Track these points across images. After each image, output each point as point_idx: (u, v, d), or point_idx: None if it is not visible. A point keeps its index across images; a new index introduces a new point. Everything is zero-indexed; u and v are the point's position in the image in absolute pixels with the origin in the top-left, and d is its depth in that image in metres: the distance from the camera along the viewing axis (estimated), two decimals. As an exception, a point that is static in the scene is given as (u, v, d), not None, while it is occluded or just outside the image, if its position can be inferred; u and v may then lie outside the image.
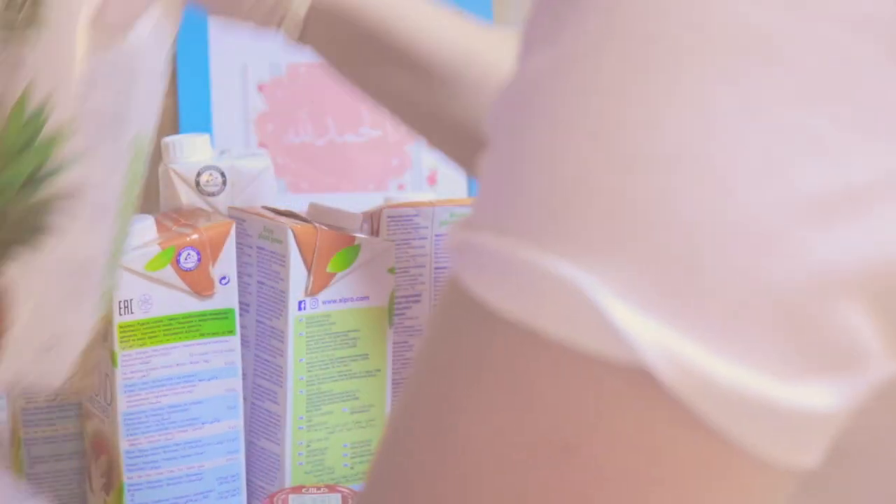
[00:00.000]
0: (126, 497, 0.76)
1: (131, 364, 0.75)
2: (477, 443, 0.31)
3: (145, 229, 0.76)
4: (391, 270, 0.84)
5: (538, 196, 0.30)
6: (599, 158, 0.29)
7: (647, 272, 0.29)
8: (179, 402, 0.77)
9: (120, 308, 0.74)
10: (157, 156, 1.00)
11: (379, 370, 0.84)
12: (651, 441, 0.30)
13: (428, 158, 1.27)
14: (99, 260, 0.59)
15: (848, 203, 0.29)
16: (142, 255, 0.75)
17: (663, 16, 0.29)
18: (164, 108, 1.32)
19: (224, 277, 0.78)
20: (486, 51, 0.70)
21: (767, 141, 0.29)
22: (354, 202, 0.97)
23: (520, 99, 0.31)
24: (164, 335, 0.75)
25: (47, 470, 0.82)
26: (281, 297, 0.80)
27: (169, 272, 0.75)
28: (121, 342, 0.74)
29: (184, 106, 1.24)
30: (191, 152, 0.99)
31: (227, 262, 0.78)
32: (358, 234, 0.83)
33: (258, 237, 0.82)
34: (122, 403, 0.75)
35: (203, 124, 1.24)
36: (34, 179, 0.56)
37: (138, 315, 0.75)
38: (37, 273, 0.57)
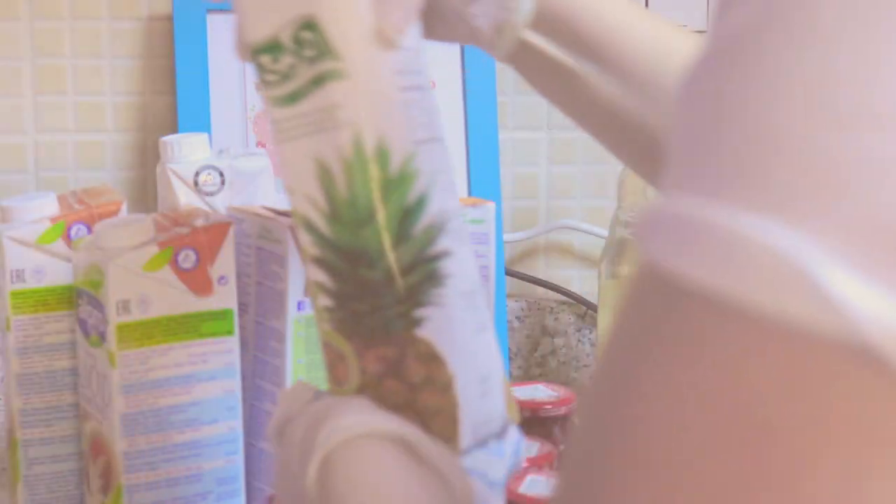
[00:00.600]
0: (124, 498, 0.75)
1: (129, 365, 0.74)
2: (667, 426, 0.29)
3: (142, 229, 0.76)
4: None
5: (740, 153, 0.28)
6: (813, 113, 0.27)
7: (867, 236, 0.26)
8: (178, 403, 0.76)
9: (118, 308, 0.74)
10: (155, 155, 1.00)
11: (378, 371, 0.84)
12: (867, 423, 0.27)
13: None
14: (479, 280, 0.57)
15: None
16: (139, 255, 0.74)
17: None
18: (161, 107, 1.33)
19: (222, 277, 0.77)
20: (684, 51, 0.66)
21: None
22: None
23: (717, 57, 0.29)
24: (163, 336, 0.75)
25: (45, 471, 0.82)
26: (280, 298, 0.80)
27: (167, 272, 0.75)
28: (118, 343, 0.74)
29: (182, 105, 1.24)
30: (189, 152, 0.98)
31: (225, 263, 0.78)
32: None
33: (257, 237, 0.82)
34: (120, 404, 0.75)
35: (201, 123, 1.23)
36: (413, 228, 0.54)
37: (136, 315, 0.74)
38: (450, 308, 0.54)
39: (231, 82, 1.26)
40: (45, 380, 0.81)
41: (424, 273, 0.54)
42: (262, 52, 0.56)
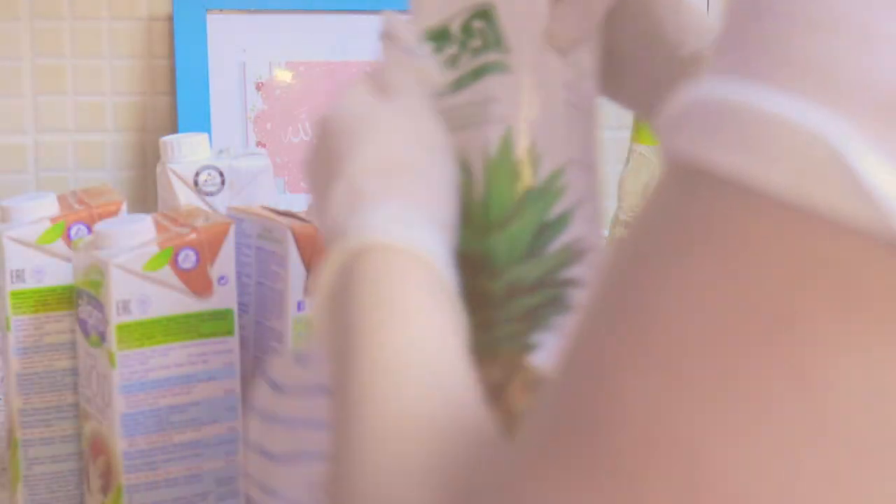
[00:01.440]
0: (124, 498, 0.75)
1: (129, 365, 0.74)
2: (683, 314, 0.27)
3: (143, 229, 0.76)
4: (391, 270, 0.84)
5: (773, 31, 0.26)
6: None
7: None
8: (178, 403, 0.76)
9: (117, 308, 0.73)
10: (155, 155, 1.00)
11: (378, 371, 0.84)
12: (892, 316, 0.25)
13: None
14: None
15: None
16: (139, 255, 0.74)
17: None
18: (161, 107, 1.33)
19: (223, 277, 0.77)
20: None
21: None
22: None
23: None
24: (162, 336, 0.75)
25: (45, 471, 0.82)
26: (280, 298, 0.80)
27: (167, 272, 0.75)
28: (118, 343, 0.74)
29: (182, 105, 1.24)
30: (189, 152, 0.98)
31: (225, 263, 0.77)
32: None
33: (257, 237, 0.82)
34: (120, 404, 0.75)
35: (201, 123, 1.23)
36: (547, 246, 0.49)
37: (136, 315, 0.74)
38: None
39: (231, 82, 1.26)
40: (45, 380, 0.81)
41: (549, 296, 0.50)
42: (430, 39, 0.53)
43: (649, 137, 1.04)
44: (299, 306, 0.80)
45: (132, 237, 0.75)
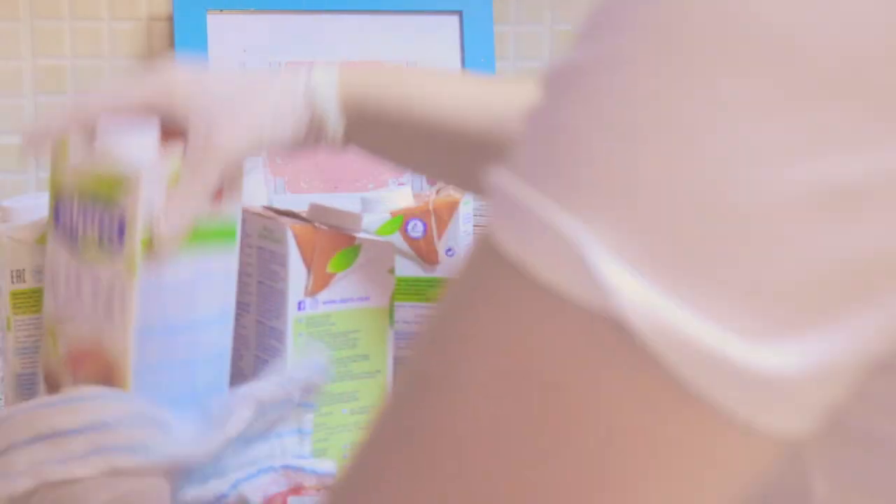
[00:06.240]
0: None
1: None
2: (470, 374, 0.34)
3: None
4: (391, 270, 0.84)
5: (553, 151, 0.34)
6: (603, 125, 0.33)
7: (634, 232, 0.32)
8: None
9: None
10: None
11: (379, 371, 0.84)
12: (627, 391, 0.32)
13: (428, 158, 1.26)
14: None
15: (847, 200, 0.31)
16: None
17: (687, 17, 0.32)
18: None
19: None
20: (514, 110, 0.77)
21: (773, 131, 0.31)
22: (354, 202, 0.96)
23: (560, 75, 0.35)
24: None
25: (45, 471, 0.82)
26: (281, 298, 0.80)
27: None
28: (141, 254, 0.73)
29: (182, 105, 1.24)
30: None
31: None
32: (358, 234, 0.82)
33: (258, 237, 0.82)
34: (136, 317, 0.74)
35: (202, 124, 1.23)
36: None
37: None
38: None
39: (231, 82, 1.26)
40: (46, 380, 0.81)
41: None
42: None
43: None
44: (300, 306, 0.80)
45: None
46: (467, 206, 0.93)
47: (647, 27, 0.33)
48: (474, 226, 0.96)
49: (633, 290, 0.32)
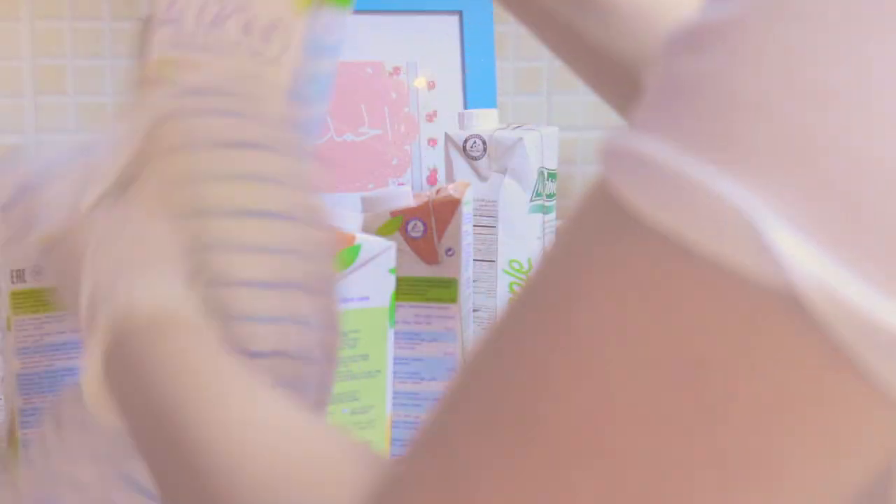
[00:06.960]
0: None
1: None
2: (604, 351, 0.31)
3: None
4: (391, 270, 0.84)
5: (711, 111, 0.30)
6: (780, 84, 0.30)
7: (811, 199, 0.29)
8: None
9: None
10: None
11: (379, 371, 0.83)
12: (791, 369, 0.30)
13: (428, 157, 1.26)
14: None
15: None
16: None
17: None
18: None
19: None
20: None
21: None
22: (354, 202, 0.96)
23: (705, 27, 0.32)
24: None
25: (45, 471, 0.82)
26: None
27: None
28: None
29: (182, 105, 1.24)
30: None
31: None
32: (358, 234, 0.82)
33: (257, 237, 0.82)
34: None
35: (202, 123, 1.23)
36: None
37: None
38: None
39: (231, 82, 1.26)
40: (45, 380, 0.81)
41: None
42: None
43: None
44: (300, 306, 0.80)
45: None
46: (467, 206, 0.93)
47: None
48: (474, 226, 0.96)
49: (809, 261, 0.29)
